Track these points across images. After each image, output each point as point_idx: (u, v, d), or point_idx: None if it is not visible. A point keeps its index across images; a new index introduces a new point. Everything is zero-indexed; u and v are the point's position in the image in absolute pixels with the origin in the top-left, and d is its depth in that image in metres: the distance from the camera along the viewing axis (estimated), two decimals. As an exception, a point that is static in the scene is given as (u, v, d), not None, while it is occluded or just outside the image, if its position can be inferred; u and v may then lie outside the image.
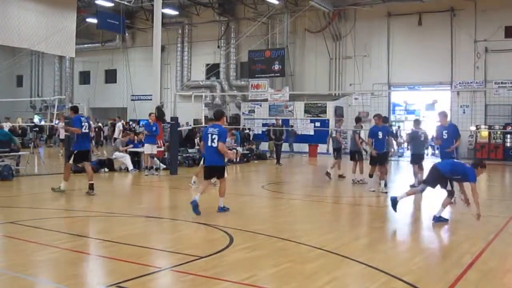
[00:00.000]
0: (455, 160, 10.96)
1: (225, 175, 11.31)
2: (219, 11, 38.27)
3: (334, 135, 19.14)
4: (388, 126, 15.40)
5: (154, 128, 19.10)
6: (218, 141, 10.67)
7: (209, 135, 10.82)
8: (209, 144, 10.81)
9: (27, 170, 18.29)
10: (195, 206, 10.40)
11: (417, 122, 16.94)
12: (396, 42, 33.70)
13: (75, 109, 14.31)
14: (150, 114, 19.90)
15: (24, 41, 23.23)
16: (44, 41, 23.52)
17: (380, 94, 32.14)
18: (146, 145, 19.10)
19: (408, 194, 10.99)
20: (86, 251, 7.89)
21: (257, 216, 11.46)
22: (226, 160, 11.52)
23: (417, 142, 16.09)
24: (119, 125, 30.27)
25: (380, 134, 14.72)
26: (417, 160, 15.98)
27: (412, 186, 15.31)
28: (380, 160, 14.73)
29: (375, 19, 33.97)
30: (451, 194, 10.28)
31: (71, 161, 13.74)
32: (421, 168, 15.78)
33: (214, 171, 11.10)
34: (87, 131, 13.84)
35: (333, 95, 34.77)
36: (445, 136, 12.98)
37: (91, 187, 13.45)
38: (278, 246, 8.22)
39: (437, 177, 10.26)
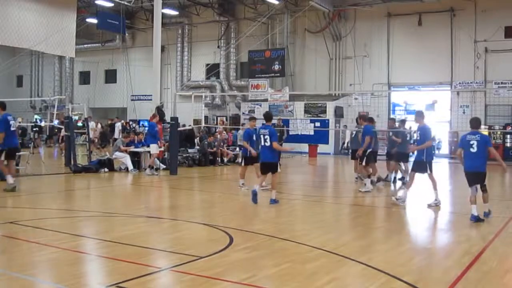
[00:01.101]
0: None
1: (278, 170, 12.56)
2: (219, 11, 38.27)
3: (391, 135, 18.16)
4: (371, 126, 15.77)
5: (156, 129, 19.23)
6: (270, 140, 12.04)
7: (262, 136, 12.25)
8: (263, 143, 12.25)
9: (27, 170, 18.29)
10: (254, 195, 11.91)
11: (402, 122, 18.01)
12: (396, 42, 33.69)
13: (2, 106, 13.65)
14: (154, 116, 19.99)
15: (24, 41, 23.26)
16: (44, 41, 23.54)
17: (380, 94, 32.14)
18: (152, 145, 19.16)
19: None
20: (86, 251, 7.89)
21: (257, 216, 11.46)
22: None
23: (404, 140, 16.63)
24: (118, 125, 30.26)
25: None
26: (401, 157, 16.52)
27: (400, 180, 16.48)
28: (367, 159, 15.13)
29: (375, 19, 33.97)
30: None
31: (2, 158, 13.63)
32: (406, 163, 16.62)
33: (269, 167, 12.33)
34: (14, 128, 13.82)
35: (333, 95, 34.76)
36: (418, 137, 13.12)
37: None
38: (278, 246, 8.21)
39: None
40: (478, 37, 31.00)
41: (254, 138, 14.34)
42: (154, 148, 19.03)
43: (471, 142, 10.41)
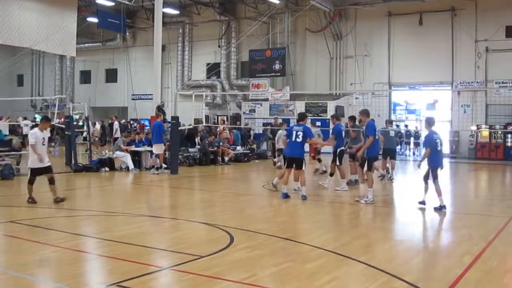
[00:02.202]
0: None
1: (303, 167, 13.13)
2: (219, 11, 38.25)
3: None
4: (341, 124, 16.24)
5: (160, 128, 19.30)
6: (303, 137, 12.92)
7: (294, 132, 13.03)
8: (294, 139, 12.97)
9: (27, 169, 18.26)
10: (285, 196, 12.98)
11: (389, 121, 20.47)
12: (397, 42, 33.66)
13: None
14: (159, 116, 20.02)
15: (24, 40, 23.28)
16: (44, 40, 23.57)
17: (381, 93, 32.12)
18: (156, 145, 19.18)
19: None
20: (86, 250, 7.90)
21: (258, 215, 11.47)
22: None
23: (388, 138, 18.15)
24: (116, 124, 30.24)
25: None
26: (388, 153, 17.98)
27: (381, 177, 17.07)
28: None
29: (376, 19, 33.95)
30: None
31: None
32: (393, 160, 18.11)
33: (295, 161, 13.06)
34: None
35: (333, 95, 34.75)
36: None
37: None
38: (278, 246, 8.22)
39: None
40: (479, 36, 30.97)
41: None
42: (158, 148, 19.08)
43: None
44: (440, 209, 11.36)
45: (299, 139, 12.97)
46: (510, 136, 29.33)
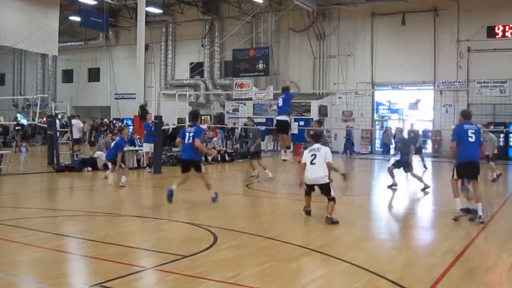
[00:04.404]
0: None
1: (201, 170, 12.12)
2: (203, 10, 38.19)
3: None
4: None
5: (152, 128, 19.36)
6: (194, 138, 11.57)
7: (187, 134, 11.67)
8: (186, 141, 11.64)
9: (9, 169, 18.13)
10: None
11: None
12: (380, 42, 33.85)
13: None
14: (147, 114, 20.01)
15: (6, 39, 23.04)
16: (26, 39, 23.35)
17: (364, 93, 32.27)
18: (145, 144, 19.60)
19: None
20: (69, 251, 7.84)
21: (242, 215, 11.48)
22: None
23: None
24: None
25: None
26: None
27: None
28: None
29: (359, 19, 34.12)
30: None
31: None
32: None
33: (191, 165, 11.94)
34: None
35: (317, 94, 34.86)
36: None
37: None
38: (262, 245, 8.22)
39: None
40: (461, 36, 31.24)
41: None
42: (146, 147, 19.44)
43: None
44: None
45: (191, 141, 11.63)
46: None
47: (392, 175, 15.24)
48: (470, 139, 10.36)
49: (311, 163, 10.32)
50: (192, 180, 18.78)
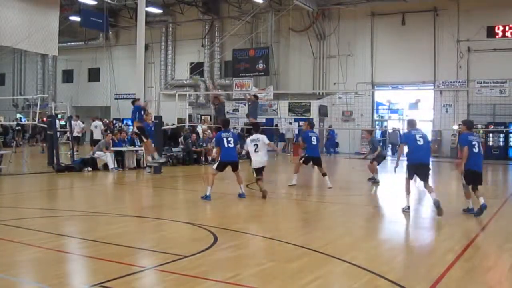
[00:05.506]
0: None
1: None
2: (203, 10, 38.20)
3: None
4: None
5: (152, 128, 19.34)
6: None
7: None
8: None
9: (9, 169, 18.13)
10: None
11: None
12: (380, 42, 33.86)
13: None
14: (147, 114, 20.01)
15: (6, 39, 23.02)
16: (26, 39, 23.33)
17: (364, 93, 32.29)
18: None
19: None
20: (69, 251, 7.84)
21: (241, 215, 11.47)
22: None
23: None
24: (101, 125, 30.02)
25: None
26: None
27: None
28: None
29: (359, 19, 34.14)
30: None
31: None
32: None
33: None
34: None
35: (317, 94, 34.88)
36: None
37: None
38: (262, 245, 8.22)
39: None
40: (461, 36, 31.27)
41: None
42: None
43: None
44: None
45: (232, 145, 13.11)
46: (492, 135, 29.60)
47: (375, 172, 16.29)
48: (418, 142, 11.09)
49: (255, 151, 13.08)
50: (192, 180, 18.82)
